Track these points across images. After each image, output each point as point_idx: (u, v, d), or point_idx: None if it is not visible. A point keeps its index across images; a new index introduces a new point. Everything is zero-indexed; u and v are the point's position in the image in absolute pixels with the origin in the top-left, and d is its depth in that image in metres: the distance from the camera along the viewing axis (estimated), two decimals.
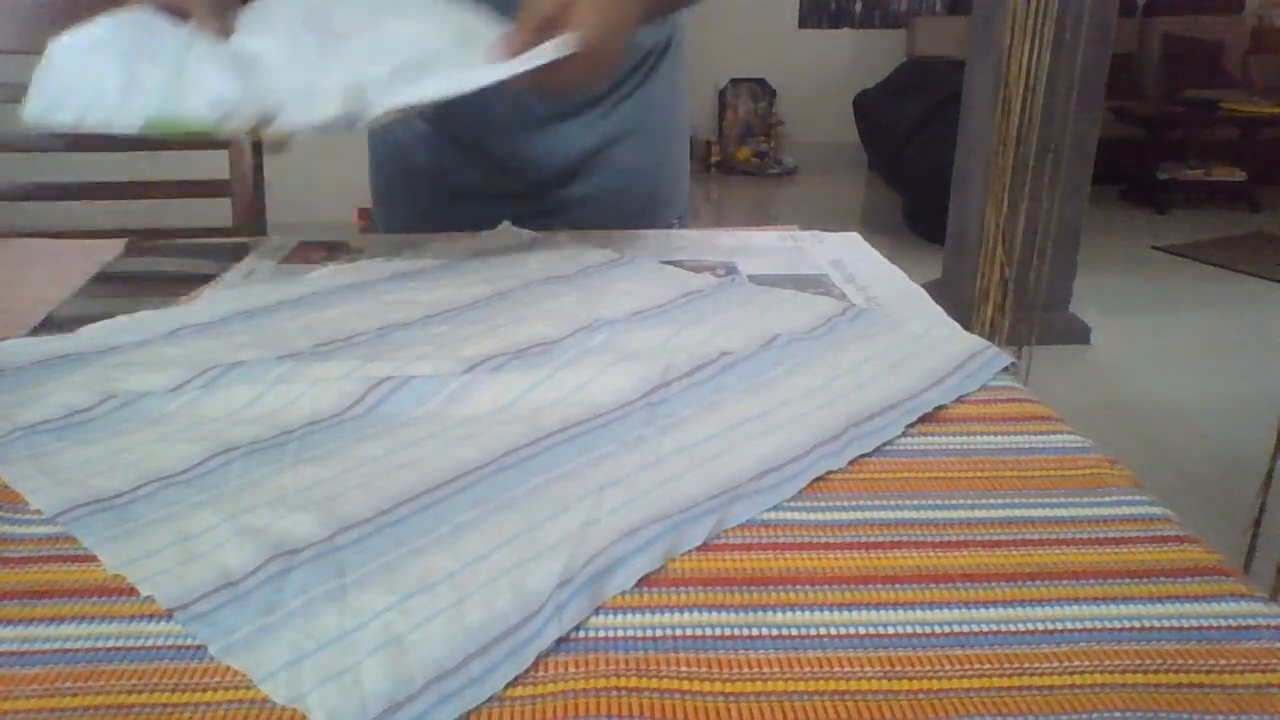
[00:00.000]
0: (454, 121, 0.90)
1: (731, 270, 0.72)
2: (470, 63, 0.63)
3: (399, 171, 0.97)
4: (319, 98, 0.59)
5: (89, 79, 0.58)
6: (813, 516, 0.41)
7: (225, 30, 0.65)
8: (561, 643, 0.33)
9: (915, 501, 0.42)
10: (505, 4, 0.69)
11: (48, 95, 0.58)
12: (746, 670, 0.32)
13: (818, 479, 0.43)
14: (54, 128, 0.59)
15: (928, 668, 0.32)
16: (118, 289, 0.71)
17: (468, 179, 0.92)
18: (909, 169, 3.90)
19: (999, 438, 0.48)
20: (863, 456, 0.45)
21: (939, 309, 0.66)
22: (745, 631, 0.34)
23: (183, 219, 1.06)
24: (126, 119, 0.57)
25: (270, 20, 0.68)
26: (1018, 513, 0.41)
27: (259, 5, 0.70)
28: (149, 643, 0.33)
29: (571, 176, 0.92)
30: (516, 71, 0.61)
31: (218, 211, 1.06)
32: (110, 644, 0.33)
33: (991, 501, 0.42)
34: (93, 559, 0.37)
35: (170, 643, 0.33)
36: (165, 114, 0.57)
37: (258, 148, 1.04)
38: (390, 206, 1.00)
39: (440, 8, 0.71)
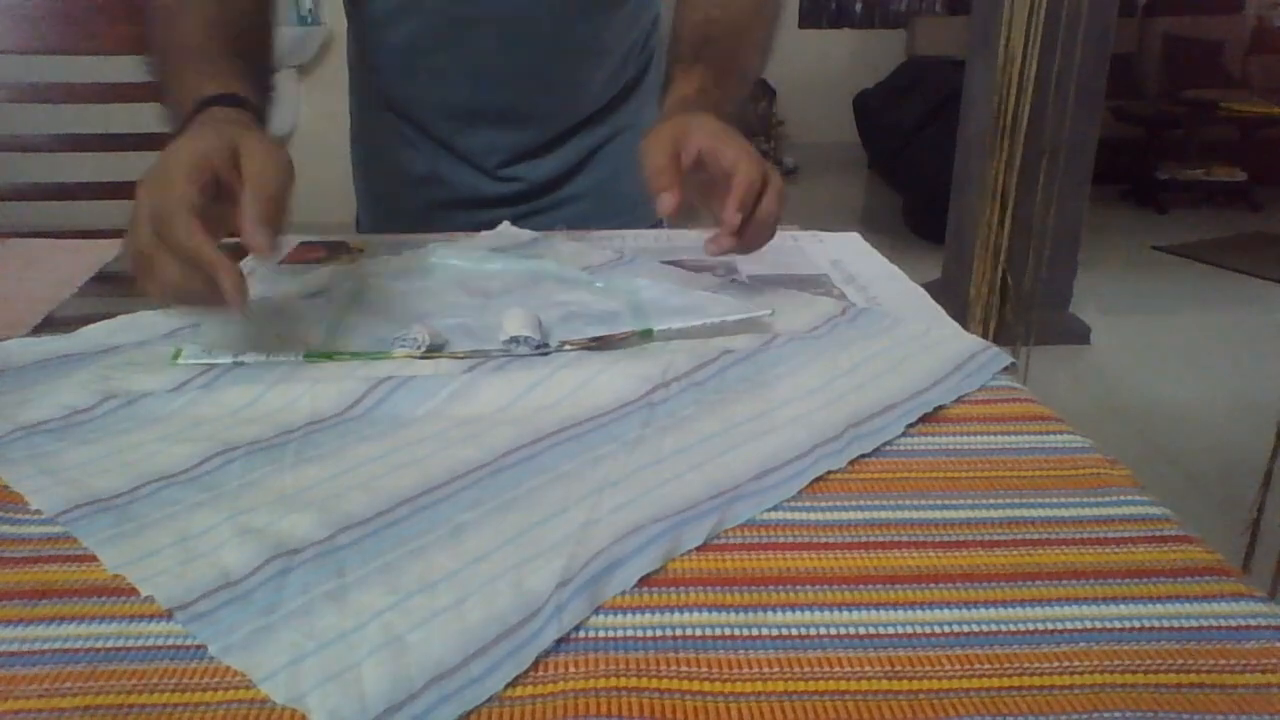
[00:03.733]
0: (458, 140, 0.89)
1: (731, 270, 0.72)
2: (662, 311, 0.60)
3: (387, 179, 0.97)
4: (490, 330, 0.57)
5: (249, 328, 0.57)
6: (813, 516, 0.41)
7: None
8: (561, 643, 0.33)
9: (915, 501, 0.42)
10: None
11: (204, 341, 0.56)
12: (746, 670, 0.32)
13: (818, 479, 0.43)
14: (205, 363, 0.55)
15: (928, 668, 0.32)
16: (118, 289, 0.70)
17: (462, 188, 0.92)
18: (909, 169, 3.90)
19: (999, 438, 0.48)
20: (863, 456, 0.45)
21: (939, 309, 0.66)
22: (745, 631, 0.34)
23: None
24: (286, 353, 0.55)
25: (416, 286, 0.66)
26: (1018, 513, 0.41)
27: (389, 274, 0.68)
28: (149, 643, 0.33)
29: (566, 179, 0.92)
30: (725, 319, 0.58)
31: None
32: (110, 644, 0.33)
33: (991, 501, 0.42)
34: (93, 559, 0.37)
35: (170, 643, 0.33)
36: (326, 347, 0.56)
37: None
38: (376, 215, 1.00)
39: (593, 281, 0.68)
